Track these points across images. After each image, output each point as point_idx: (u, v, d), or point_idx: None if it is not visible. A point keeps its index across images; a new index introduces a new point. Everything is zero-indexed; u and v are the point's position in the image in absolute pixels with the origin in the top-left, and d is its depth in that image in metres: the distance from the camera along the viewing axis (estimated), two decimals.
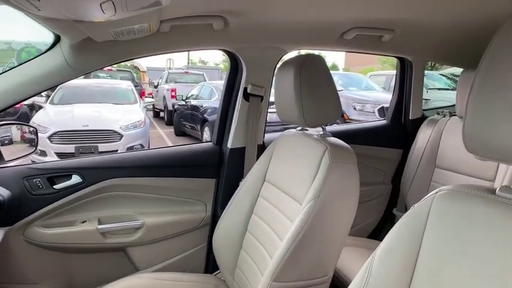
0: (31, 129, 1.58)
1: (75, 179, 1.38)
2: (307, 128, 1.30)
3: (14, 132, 1.56)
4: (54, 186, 1.35)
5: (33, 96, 1.18)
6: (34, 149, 1.53)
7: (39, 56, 1.14)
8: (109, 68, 13.26)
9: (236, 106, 1.55)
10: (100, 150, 5.16)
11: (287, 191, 1.16)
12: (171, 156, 1.55)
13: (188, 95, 8.13)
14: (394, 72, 2.03)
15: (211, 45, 1.38)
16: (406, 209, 1.75)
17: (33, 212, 1.32)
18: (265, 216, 1.24)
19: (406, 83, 1.91)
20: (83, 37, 1.09)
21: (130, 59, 1.25)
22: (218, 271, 1.44)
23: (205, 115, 6.68)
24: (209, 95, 7.32)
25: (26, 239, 1.33)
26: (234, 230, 1.32)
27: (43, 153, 4.98)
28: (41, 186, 1.33)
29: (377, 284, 0.62)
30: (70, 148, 5.04)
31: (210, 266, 1.60)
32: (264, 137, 1.65)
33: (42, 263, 1.38)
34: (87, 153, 5.06)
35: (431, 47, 1.66)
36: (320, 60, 1.10)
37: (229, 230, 1.34)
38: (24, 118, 6.13)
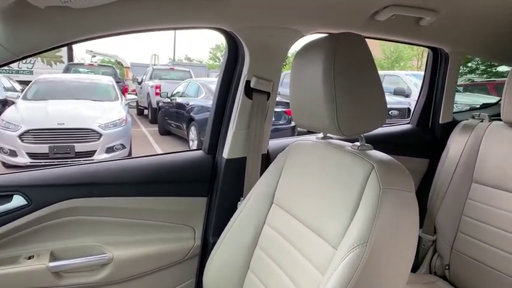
0: None
1: (18, 200, 1.02)
2: (331, 136, 0.98)
3: None
4: None
5: None
6: None
7: None
8: (90, 63, 12.73)
9: (235, 105, 1.21)
10: (77, 150, 4.79)
11: (309, 223, 0.85)
12: (150, 168, 1.21)
13: (173, 93, 7.76)
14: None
15: (204, 23, 1.04)
16: (435, 231, 1.45)
17: None
18: (274, 253, 0.93)
19: (438, 79, 1.61)
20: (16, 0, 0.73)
21: (89, 39, 0.90)
22: None
23: (191, 113, 6.33)
24: (196, 92, 6.97)
25: None
26: (231, 267, 1.01)
27: (13, 154, 4.56)
28: None
29: None
30: (44, 148, 4.64)
31: None
32: (267, 144, 1.33)
33: None
34: (63, 154, 4.66)
35: (476, 37, 1.36)
36: (362, 41, 0.78)
37: (225, 267, 1.02)
38: None
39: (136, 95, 10.93)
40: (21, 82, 9.27)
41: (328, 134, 0.98)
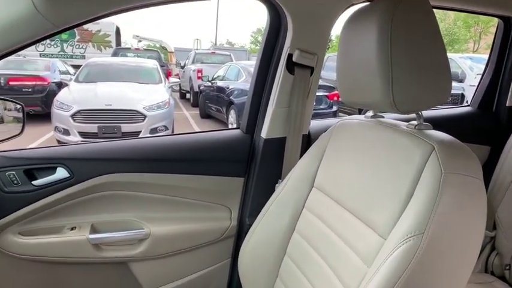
0: (17, 106, 1.26)
1: (61, 172, 1.05)
2: (383, 116, 0.89)
3: (2, 110, 1.25)
4: (33, 182, 1.03)
5: None
6: (22, 129, 1.21)
7: None
8: (137, 47, 13.18)
9: (275, 81, 1.14)
10: (123, 131, 4.98)
11: (354, 210, 0.77)
12: (188, 147, 1.18)
13: (214, 76, 7.80)
14: None
15: None
16: (494, 227, 1.31)
17: (6, 215, 1.00)
18: (313, 239, 0.87)
19: (509, 56, 1.42)
20: None
21: (128, 9, 0.87)
22: None
23: (231, 97, 6.34)
24: (236, 75, 6.95)
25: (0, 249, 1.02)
26: (267, 250, 0.97)
27: (66, 132, 4.85)
28: (16, 182, 1.01)
29: None
30: (93, 128, 4.88)
31: None
32: (309, 124, 1.25)
33: (19, 281, 1.07)
34: (110, 134, 4.87)
35: None
36: (425, 4, 0.68)
37: (261, 249, 0.98)
38: (52, 95, 6.01)
39: (179, 78, 11.19)
40: (74, 66, 9.81)
41: (379, 113, 0.89)
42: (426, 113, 0.81)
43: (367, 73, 0.70)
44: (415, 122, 0.74)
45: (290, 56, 1.09)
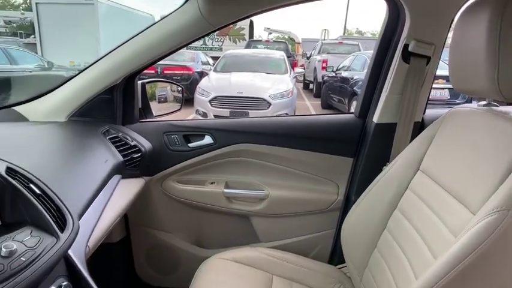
0: (179, 88, 1.66)
1: (208, 139, 1.37)
2: (497, 104, 0.89)
3: (169, 92, 1.67)
4: (189, 144, 1.38)
5: (170, 53, 1.17)
6: (180, 107, 1.60)
7: (175, 10, 1.10)
8: (266, 39, 14.00)
9: (390, 69, 1.21)
10: (250, 116, 5.48)
11: (452, 190, 0.83)
12: (305, 126, 1.37)
13: (339, 66, 7.76)
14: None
15: None
16: None
17: (170, 166, 1.38)
18: (412, 217, 0.94)
19: None
20: None
21: (264, 10, 1.09)
22: (344, 265, 1.22)
23: (354, 88, 6.24)
24: (362, 66, 6.77)
25: (163, 190, 1.41)
26: (369, 223, 1.08)
27: (204, 115, 5.64)
28: (177, 143, 1.37)
29: None
30: (226, 112, 5.53)
31: (336, 257, 1.40)
32: (424, 113, 1.28)
33: (176, 215, 1.45)
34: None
35: None
36: None
37: (363, 222, 1.09)
38: (195, 83, 7.03)
39: (304, 69, 11.46)
40: (213, 57, 11.12)
41: (493, 101, 0.89)
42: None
43: (475, 60, 0.75)
44: None
45: (406, 46, 1.15)
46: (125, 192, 1.17)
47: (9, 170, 0.73)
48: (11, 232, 0.64)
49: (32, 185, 0.73)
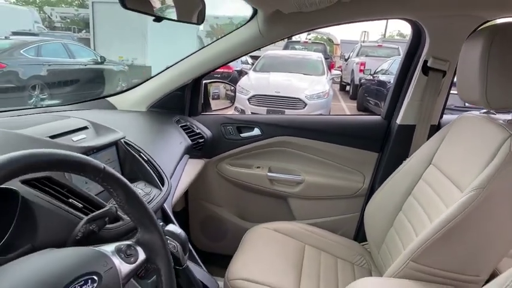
0: (232, 87, 1.97)
1: (256, 131, 1.67)
2: (494, 112, 1.11)
3: (221, 90, 1.99)
4: (240, 134, 1.68)
5: (230, 61, 1.48)
6: (232, 104, 1.92)
7: (240, 27, 1.41)
8: (305, 40, 14.14)
9: (412, 80, 1.45)
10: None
11: (452, 177, 1.07)
12: (339, 124, 1.63)
13: (377, 70, 7.82)
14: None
15: (394, 15, 1.33)
16: None
17: (225, 151, 1.69)
18: (422, 200, 1.18)
19: None
20: (273, 9, 1.28)
21: (313, 29, 1.37)
22: (366, 243, 1.47)
23: None
24: None
25: (218, 171, 1.73)
26: (387, 206, 1.31)
27: (243, 112, 5.94)
28: (232, 133, 1.68)
29: None
30: (263, 110, 5.81)
31: (360, 236, 1.65)
32: (441, 117, 1.50)
33: (226, 192, 1.77)
34: None
35: None
36: None
37: (382, 206, 1.34)
38: (234, 82, 7.42)
39: (341, 71, 11.52)
40: (252, 57, 11.47)
41: (491, 111, 1.12)
42: None
43: (471, 76, 0.98)
44: (510, 117, 0.97)
45: (426, 61, 1.38)
46: (190, 169, 1.49)
47: (125, 143, 1.06)
48: (132, 183, 0.97)
49: (141, 153, 1.07)
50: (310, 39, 14.93)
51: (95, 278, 0.52)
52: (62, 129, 0.94)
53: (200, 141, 1.56)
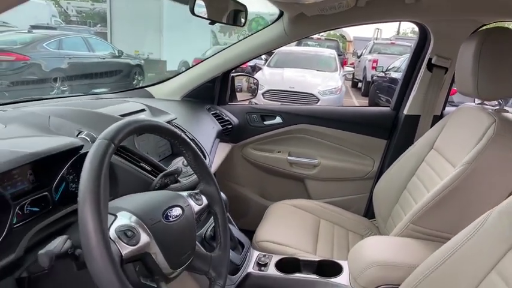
0: (255, 81, 2.18)
1: (278, 119, 1.87)
2: (486, 103, 1.29)
3: (243, 83, 2.19)
4: (264, 122, 1.89)
5: (255, 57, 1.68)
6: (254, 95, 2.13)
7: (267, 27, 1.62)
8: (318, 37, 14.24)
9: (418, 75, 1.64)
10: None
11: (448, 157, 1.25)
12: (352, 114, 1.83)
13: (389, 67, 7.91)
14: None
15: (403, 18, 1.52)
16: None
17: (249, 137, 1.90)
18: (424, 179, 1.37)
19: None
20: (298, 12, 1.48)
21: (332, 29, 1.57)
22: (374, 219, 1.66)
23: None
24: None
25: (242, 155, 1.94)
26: (394, 186, 1.49)
27: None
28: (256, 121, 1.89)
29: None
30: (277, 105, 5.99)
31: (369, 213, 1.84)
32: (444, 109, 1.68)
33: (248, 173, 1.98)
34: None
35: None
36: (508, 36, 1.09)
37: (389, 186, 1.52)
38: None
39: (353, 68, 11.61)
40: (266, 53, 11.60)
41: (485, 102, 1.30)
42: None
43: (466, 71, 1.16)
44: (497, 107, 1.16)
45: (430, 59, 1.57)
46: (219, 151, 1.71)
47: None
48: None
49: (186, 133, 1.28)
50: (323, 36, 14.99)
51: (179, 209, 0.73)
52: (127, 110, 1.17)
53: (229, 127, 1.77)
